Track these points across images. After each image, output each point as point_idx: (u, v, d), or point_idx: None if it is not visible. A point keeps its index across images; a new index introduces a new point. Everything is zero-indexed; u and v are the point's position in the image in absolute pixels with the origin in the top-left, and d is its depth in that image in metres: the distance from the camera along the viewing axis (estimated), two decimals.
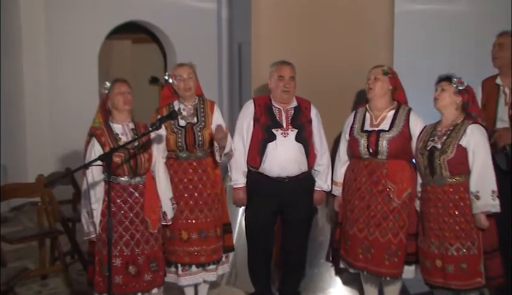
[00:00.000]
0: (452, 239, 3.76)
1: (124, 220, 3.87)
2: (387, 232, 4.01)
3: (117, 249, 3.83)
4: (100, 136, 3.87)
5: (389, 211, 4.01)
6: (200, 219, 4.23)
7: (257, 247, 4.43)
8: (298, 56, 4.67)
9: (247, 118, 4.35)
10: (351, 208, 4.14)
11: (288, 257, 4.47)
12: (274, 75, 4.31)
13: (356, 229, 4.09)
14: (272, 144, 4.24)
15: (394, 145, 4.02)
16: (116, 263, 3.82)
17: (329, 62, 4.99)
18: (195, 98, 4.33)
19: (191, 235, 4.22)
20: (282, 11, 5.10)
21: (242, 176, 4.35)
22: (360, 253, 4.08)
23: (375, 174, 4.05)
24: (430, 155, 3.83)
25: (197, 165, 4.24)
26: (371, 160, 4.07)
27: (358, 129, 4.16)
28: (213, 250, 4.26)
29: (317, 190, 4.40)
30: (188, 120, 4.26)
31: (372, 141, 4.06)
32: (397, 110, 4.14)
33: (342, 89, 4.91)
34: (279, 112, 4.31)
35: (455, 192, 3.77)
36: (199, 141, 4.22)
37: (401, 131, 4.06)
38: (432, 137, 3.89)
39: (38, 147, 8.05)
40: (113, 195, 3.83)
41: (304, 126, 4.30)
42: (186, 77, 4.24)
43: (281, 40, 5.08)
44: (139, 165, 3.90)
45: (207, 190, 4.25)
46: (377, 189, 4.03)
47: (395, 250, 4.01)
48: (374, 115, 4.16)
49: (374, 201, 4.04)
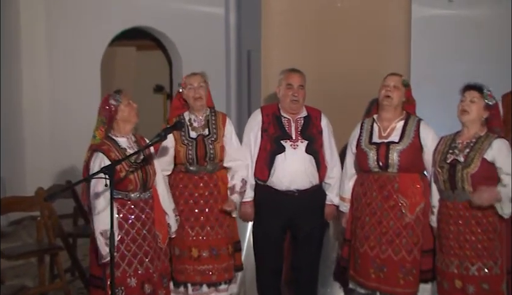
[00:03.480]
0: (474, 259, 3.73)
1: (138, 237, 3.86)
2: (401, 249, 3.98)
3: (132, 268, 3.82)
4: (108, 151, 3.81)
5: (402, 227, 3.99)
6: (211, 236, 4.22)
7: (266, 265, 4.41)
8: (310, 64, 4.68)
9: (254, 129, 4.35)
10: (361, 224, 4.11)
11: (298, 275, 4.44)
12: (283, 83, 4.31)
13: (368, 247, 4.06)
14: (281, 156, 4.23)
15: (405, 157, 4.00)
16: (131, 284, 3.82)
17: (343, 70, 4.99)
18: (206, 110, 4.33)
19: (202, 252, 4.21)
20: (292, 17, 5.11)
21: (250, 189, 4.33)
22: (372, 272, 4.05)
23: (386, 189, 4.02)
24: (451, 169, 3.80)
25: (208, 179, 4.24)
26: (381, 173, 4.04)
27: (365, 141, 4.14)
28: (224, 268, 4.25)
29: (328, 204, 4.38)
30: (199, 132, 4.26)
31: (382, 153, 4.03)
32: (406, 121, 4.12)
33: (356, 98, 4.89)
34: (288, 123, 4.31)
35: (478, 209, 3.72)
36: (211, 154, 4.21)
37: (412, 142, 4.03)
38: (452, 150, 3.85)
39: (38, 159, 8.07)
40: (125, 212, 3.83)
41: (314, 137, 4.29)
42: (196, 86, 4.24)
43: (292, 47, 5.09)
44: (148, 179, 3.92)
45: (219, 205, 4.24)
46: (388, 204, 4.01)
47: (409, 268, 3.98)
48: (382, 126, 4.13)
49: (385, 217, 4.01)
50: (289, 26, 5.12)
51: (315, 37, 5.06)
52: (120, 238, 3.78)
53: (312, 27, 5.06)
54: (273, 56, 5.18)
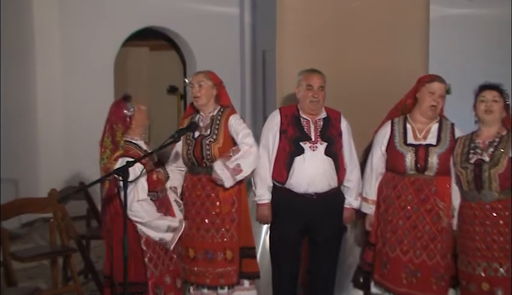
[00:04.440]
0: (502, 260, 3.71)
1: None
2: (435, 254, 3.96)
3: (165, 266, 3.96)
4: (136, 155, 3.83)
5: (437, 231, 3.97)
6: (206, 239, 4.23)
7: (282, 268, 4.39)
8: (326, 64, 4.65)
9: (272, 130, 4.32)
10: (393, 228, 4.06)
11: (315, 279, 4.41)
12: (303, 84, 4.28)
13: (400, 251, 4.03)
14: (300, 158, 4.20)
15: (444, 161, 3.99)
16: (167, 282, 3.94)
17: (360, 70, 4.97)
18: (215, 108, 4.31)
19: (197, 254, 4.25)
20: (308, 16, 5.09)
21: (267, 191, 4.31)
22: (403, 277, 4.01)
23: (423, 192, 3.99)
24: (476, 169, 3.78)
25: (206, 181, 4.23)
26: (417, 176, 4.01)
27: (400, 142, 4.10)
28: (220, 274, 4.23)
29: (346, 207, 4.35)
30: (201, 132, 4.26)
31: (421, 155, 4.00)
32: (440, 124, 4.10)
33: (374, 98, 4.88)
34: (307, 124, 4.28)
35: (505, 208, 3.72)
36: (207, 155, 4.19)
37: (449, 146, 4.01)
38: (473, 150, 3.84)
39: (51, 160, 8.14)
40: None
41: (334, 139, 4.26)
42: (195, 85, 4.24)
43: (308, 47, 5.07)
44: (166, 179, 4.07)
45: (216, 209, 4.23)
46: (425, 208, 3.98)
47: (442, 273, 3.97)
48: (417, 128, 4.11)
49: (421, 221, 3.98)
50: (305, 25, 5.10)
51: (331, 37, 5.04)
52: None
53: (328, 27, 5.04)
54: (288, 56, 5.16)
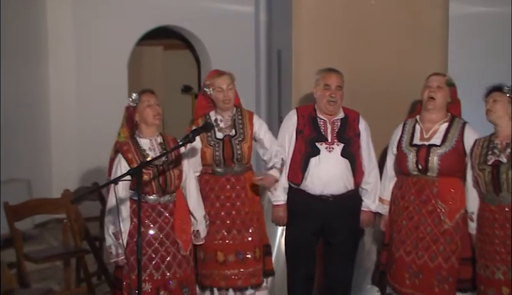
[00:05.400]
0: None
1: (154, 241, 3.87)
2: (437, 256, 3.95)
3: (147, 273, 3.82)
4: (126, 152, 3.86)
5: (440, 233, 3.95)
6: (238, 240, 4.22)
7: (296, 270, 4.39)
8: (343, 63, 4.64)
9: (289, 130, 4.32)
10: (398, 228, 4.09)
11: (331, 283, 4.41)
12: (320, 83, 4.26)
13: (403, 251, 4.04)
14: (316, 159, 4.19)
15: (446, 162, 3.96)
16: (145, 289, 3.81)
17: (377, 70, 4.95)
18: (233, 109, 4.32)
19: (228, 256, 4.21)
20: (325, 14, 5.08)
21: (283, 192, 4.31)
22: (406, 278, 4.03)
23: (424, 193, 3.99)
24: (494, 170, 3.75)
25: (235, 181, 4.24)
26: (419, 176, 4.01)
27: (406, 142, 4.11)
28: (251, 273, 4.24)
29: (364, 210, 4.33)
30: (225, 132, 4.25)
31: (422, 156, 4.00)
32: (451, 123, 4.08)
33: (392, 98, 4.87)
34: (324, 124, 4.27)
35: None
36: (238, 155, 4.21)
37: (454, 146, 3.99)
38: (491, 151, 3.81)
39: (64, 160, 8.18)
40: (142, 215, 3.79)
41: (351, 140, 4.24)
42: (225, 88, 4.22)
43: (324, 46, 5.06)
44: (168, 182, 3.89)
45: (246, 208, 4.24)
46: (426, 209, 3.98)
47: (445, 276, 3.95)
48: (424, 128, 4.10)
49: (423, 223, 3.98)
50: (321, 24, 5.08)
51: (348, 35, 5.02)
52: (135, 240, 3.73)
53: (346, 25, 5.02)
54: (305, 56, 5.15)
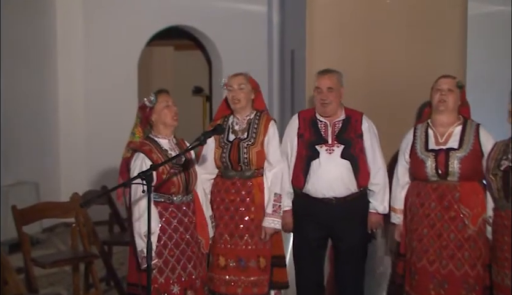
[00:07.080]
0: None
1: (181, 242, 3.92)
2: (463, 264, 3.91)
3: (175, 274, 3.87)
4: (149, 153, 3.86)
5: (464, 239, 3.92)
6: (239, 246, 4.22)
7: (304, 275, 4.38)
8: (357, 64, 4.65)
9: (290, 135, 4.35)
10: (418, 237, 4.04)
11: (342, 288, 4.40)
12: (315, 85, 4.29)
13: (426, 261, 3.99)
14: (316, 162, 4.20)
15: (467, 165, 3.93)
16: (174, 291, 3.85)
17: (392, 70, 4.94)
18: (251, 112, 4.33)
19: (229, 261, 4.22)
20: (339, 14, 5.07)
21: (288, 197, 4.32)
22: (431, 289, 3.97)
23: (446, 199, 3.95)
24: (505, 176, 3.73)
25: (241, 186, 4.24)
26: (440, 182, 3.98)
27: (421, 148, 4.08)
28: (253, 283, 4.22)
29: (371, 212, 4.30)
30: (237, 135, 4.27)
31: (441, 161, 3.97)
32: (464, 126, 4.06)
33: (406, 101, 4.84)
34: (324, 127, 4.27)
35: None
36: (244, 159, 4.21)
37: (472, 149, 3.97)
38: (505, 156, 3.79)
39: (73, 163, 8.22)
40: (168, 216, 3.88)
41: (352, 141, 4.23)
42: (235, 88, 4.24)
43: (338, 46, 5.05)
44: (190, 181, 3.97)
45: (251, 214, 4.23)
46: (449, 215, 3.94)
47: (472, 284, 3.91)
48: (438, 132, 4.07)
49: (446, 229, 3.95)
50: (335, 24, 5.07)
51: (363, 35, 5.00)
52: (163, 243, 3.85)
53: (360, 25, 5.00)
54: (318, 56, 5.14)
